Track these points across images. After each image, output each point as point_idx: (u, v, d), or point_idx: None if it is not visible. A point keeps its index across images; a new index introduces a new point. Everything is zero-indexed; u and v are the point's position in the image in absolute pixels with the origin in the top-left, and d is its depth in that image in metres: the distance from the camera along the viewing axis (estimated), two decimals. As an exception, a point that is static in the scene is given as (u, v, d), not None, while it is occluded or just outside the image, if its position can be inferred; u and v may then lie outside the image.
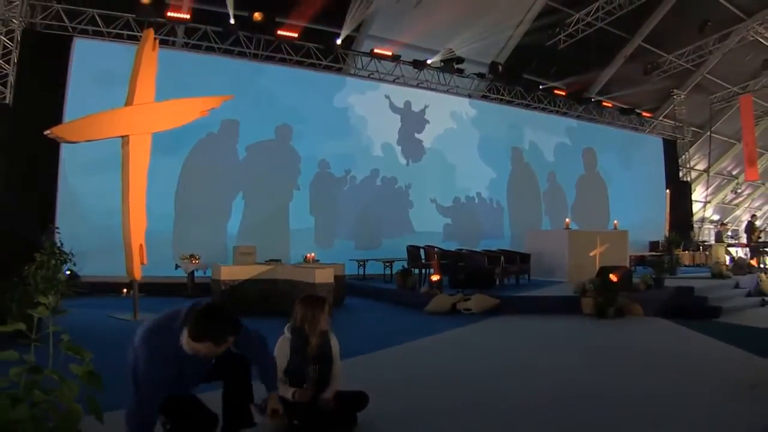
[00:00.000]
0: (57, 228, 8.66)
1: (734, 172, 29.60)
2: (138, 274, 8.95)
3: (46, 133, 8.28)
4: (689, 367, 6.12)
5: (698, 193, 27.48)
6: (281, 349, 3.87)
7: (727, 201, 31.83)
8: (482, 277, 11.73)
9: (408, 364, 6.44)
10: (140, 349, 2.99)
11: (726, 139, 26.63)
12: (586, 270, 11.82)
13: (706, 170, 26.58)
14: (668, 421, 4.25)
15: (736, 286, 12.38)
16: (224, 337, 2.98)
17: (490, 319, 9.71)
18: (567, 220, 15.72)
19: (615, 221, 17.03)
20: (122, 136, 8.84)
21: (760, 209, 34.46)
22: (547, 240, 14.99)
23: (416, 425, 4.21)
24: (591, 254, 13.57)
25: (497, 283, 12.18)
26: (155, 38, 9.43)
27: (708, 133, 24.76)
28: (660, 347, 7.41)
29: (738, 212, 33.37)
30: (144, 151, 9.07)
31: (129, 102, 8.92)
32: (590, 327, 9.06)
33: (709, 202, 30.13)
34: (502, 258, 12.90)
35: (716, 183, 29.53)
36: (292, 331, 3.91)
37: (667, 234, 18.67)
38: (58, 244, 8.09)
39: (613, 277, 10.43)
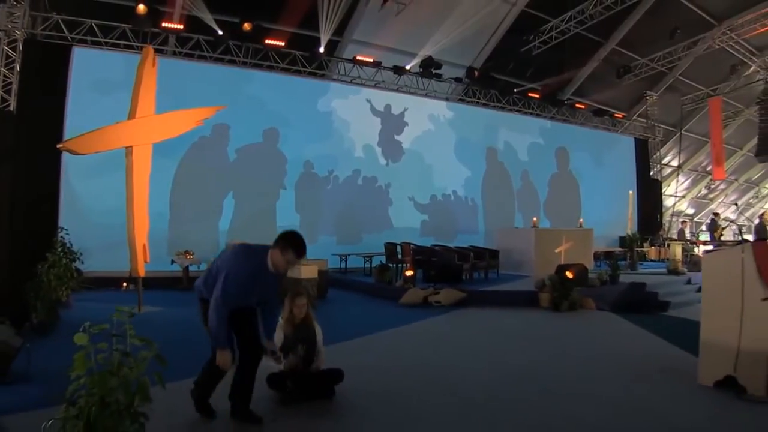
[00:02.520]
0: (66, 229, 9.38)
1: (708, 168, 30.74)
2: (142, 271, 9.99)
3: (58, 146, 9.28)
4: (615, 353, 7.32)
5: (673, 188, 28.73)
6: (277, 333, 5.15)
7: (701, 195, 33.13)
8: (452, 273, 12.98)
9: (383, 350, 7.51)
10: (235, 261, 4.32)
11: (699, 137, 27.82)
12: (552, 265, 12.81)
13: (678, 167, 27.80)
14: (579, 395, 5.47)
15: (689, 282, 13.41)
16: (302, 249, 4.31)
17: (457, 311, 10.83)
18: (534, 219, 16.90)
19: (581, 219, 18.18)
20: (126, 147, 9.77)
21: (735, 204, 35.80)
22: (515, 237, 16.14)
23: (388, 402, 5.21)
24: (556, 251, 14.79)
25: (465, 278, 13.40)
26: (154, 56, 10.48)
27: (679, 133, 25.98)
28: (597, 337, 8.64)
29: (713, 206, 34.67)
30: (146, 160, 10.08)
31: (131, 115, 9.85)
32: (543, 319, 10.20)
33: (683, 196, 31.45)
34: (472, 254, 14.10)
35: (691, 178, 30.78)
36: (285, 319, 5.24)
37: (629, 233, 19.86)
38: (68, 245, 9.04)
39: (569, 274, 11.62)
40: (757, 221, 18.45)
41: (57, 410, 3.12)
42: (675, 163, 28.13)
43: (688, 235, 23.34)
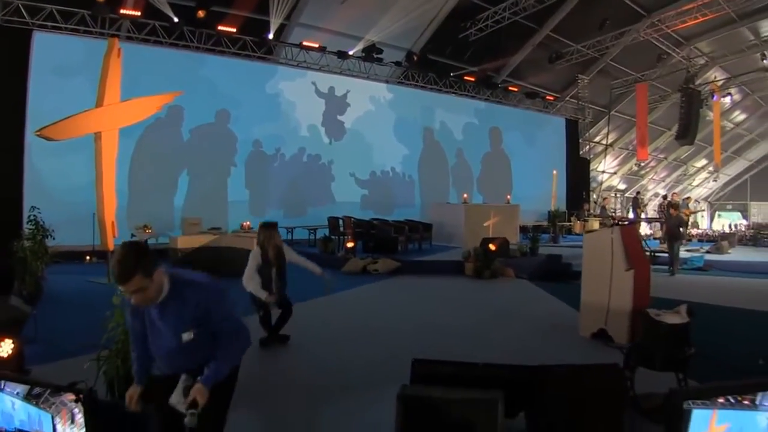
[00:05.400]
0: (38, 208, 10.13)
1: (639, 147, 33.08)
2: (111, 245, 11.18)
3: (35, 133, 10.58)
4: (523, 313, 9.22)
5: (605, 165, 30.98)
6: (254, 257, 6.85)
7: (633, 172, 35.55)
8: (388, 245, 15.05)
9: (326, 312, 9.14)
10: None
11: (629, 117, 30.02)
12: (480, 238, 14.68)
13: (608, 146, 29.99)
14: (488, 346, 7.09)
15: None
16: (119, 274, 2.81)
17: (392, 278, 12.79)
18: (465, 195, 18.95)
19: (508, 195, 20.25)
20: (95, 133, 11.10)
21: (664, 181, 38.42)
22: (447, 211, 18.30)
23: (331, 349, 6.95)
24: (485, 225, 16.83)
25: (400, 249, 15.44)
26: (119, 47, 11.81)
27: (608, 115, 28.27)
28: (511, 300, 10.53)
29: (644, 182, 37.23)
30: (113, 144, 11.38)
31: (99, 103, 11.17)
32: (467, 285, 12.16)
33: (615, 173, 33.91)
34: (407, 228, 16.09)
35: (623, 155, 33.20)
36: (259, 246, 6.94)
37: (552, 209, 22.04)
38: (41, 222, 10.01)
39: (491, 246, 13.66)
40: (666, 201, 20.73)
41: (68, 361, 4.68)
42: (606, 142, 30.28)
43: (617, 211, 25.57)
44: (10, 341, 4.86)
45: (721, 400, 2.24)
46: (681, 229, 14.74)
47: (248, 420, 4.64)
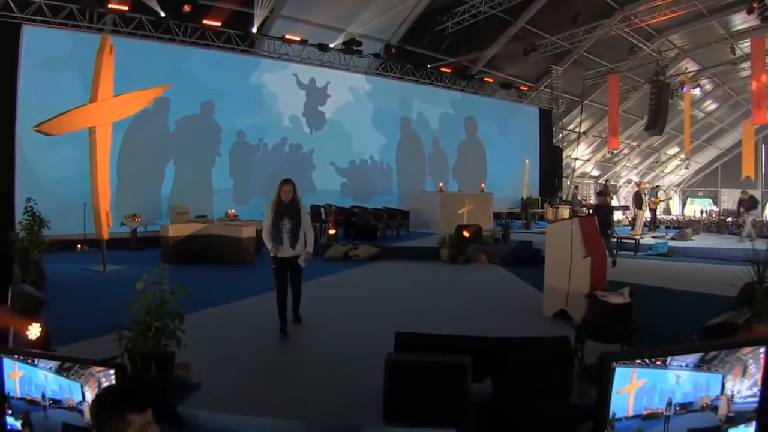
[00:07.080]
0: (34, 200, 10.51)
1: (612, 134, 34.01)
2: (106, 234, 11.83)
3: (34, 128, 10.93)
4: (494, 296, 10.03)
5: (578, 152, 32.23)
6: (269, 208, 7.34)
7: (606, 159, 36.62)
8: (368, 231, 15.88)
9: (311, 295, 9.26)
10: None
11: (603, 106, 30.94)
12: (455, 224, 15.53)
13: (581, 134, 31.00)
14: (464, 325, 7.65)
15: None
16: (141, 402, 2.25)
17: (372, 264, 13.54)
18: (441, 183, 19.80)
19: (482, 184, 21.12)
20: (90, 127, 11.57)
21: (637, 168, 39.53)
22: (424, 199, 19.21)
23: (318, 325, 7.69)
24: (459, 212, 17.69)
25: (380, 235, 16.31)
26: (111, 44, 12.35)
27: (581, 104, 29.29)
28: (483, 284, 11.26)
29: (617, 169, 38.34)
30: (106, 138, 11.86)
31: (93, 98, 11.59)
32: (442, 270, 12.93)
33: (588, 160, 34.96)
34: (386, 215, 16.96)
35: (596, 143, 34.31)
36: (276, 197, 7.39)
37: (524, 197, 22.97)
38: (37, 213, 10.27)
39: (465, 233, 14.51)
40: (635, 190, 21.63)
41: (87, 343, 5.32)
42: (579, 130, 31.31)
43: (589, 199, 26.38)
44: (38, 325, 5.24)
45: (639, 362, 2.74)
46: (613, 217, 14.88)
47: (260, 394, 5.32)
